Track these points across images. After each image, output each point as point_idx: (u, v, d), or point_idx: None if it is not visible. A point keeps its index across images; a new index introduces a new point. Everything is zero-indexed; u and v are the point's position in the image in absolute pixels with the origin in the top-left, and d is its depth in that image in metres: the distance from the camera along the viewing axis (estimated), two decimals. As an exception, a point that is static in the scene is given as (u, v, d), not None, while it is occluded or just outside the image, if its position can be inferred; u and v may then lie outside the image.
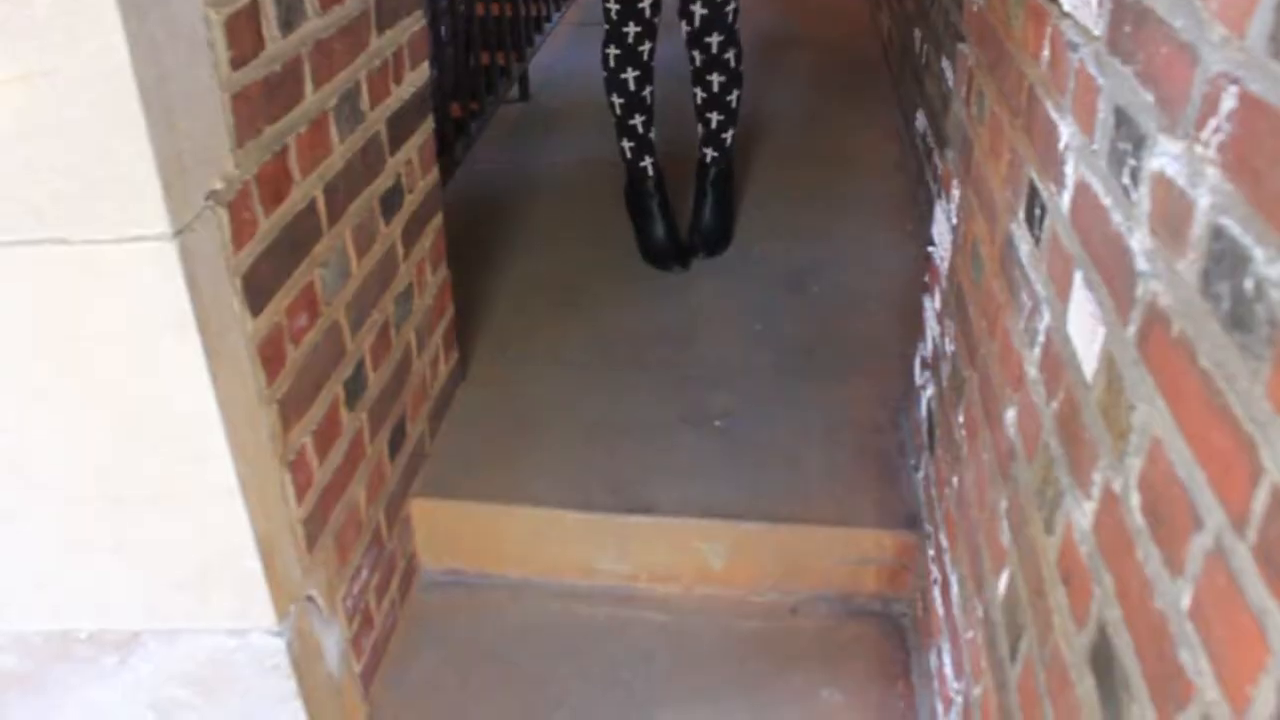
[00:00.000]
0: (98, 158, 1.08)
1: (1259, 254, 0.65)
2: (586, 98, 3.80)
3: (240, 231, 1.25)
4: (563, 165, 3.44)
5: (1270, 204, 0.64)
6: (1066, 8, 1.15)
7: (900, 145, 3.56)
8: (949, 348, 1.71)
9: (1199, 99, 0.76)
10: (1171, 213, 0.80)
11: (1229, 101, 0.71)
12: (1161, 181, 0.82)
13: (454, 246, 2.21)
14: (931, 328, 1.91)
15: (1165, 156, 0.82)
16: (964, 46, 1.75)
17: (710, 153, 2.82)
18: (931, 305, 1.92)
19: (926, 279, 2.00)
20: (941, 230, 1.87)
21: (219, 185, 1.21)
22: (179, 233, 1.13)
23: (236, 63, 1.23)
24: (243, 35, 1.24)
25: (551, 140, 3.65)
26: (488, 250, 2.87)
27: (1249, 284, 0.66)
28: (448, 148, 3.10)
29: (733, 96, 2.73)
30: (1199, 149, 0.76)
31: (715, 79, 2.68)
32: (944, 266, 1.82)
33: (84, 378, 1.21)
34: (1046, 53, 1.22)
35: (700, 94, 2.73)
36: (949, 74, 2.77)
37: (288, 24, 1.35)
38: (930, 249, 1.97)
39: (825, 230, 2.98)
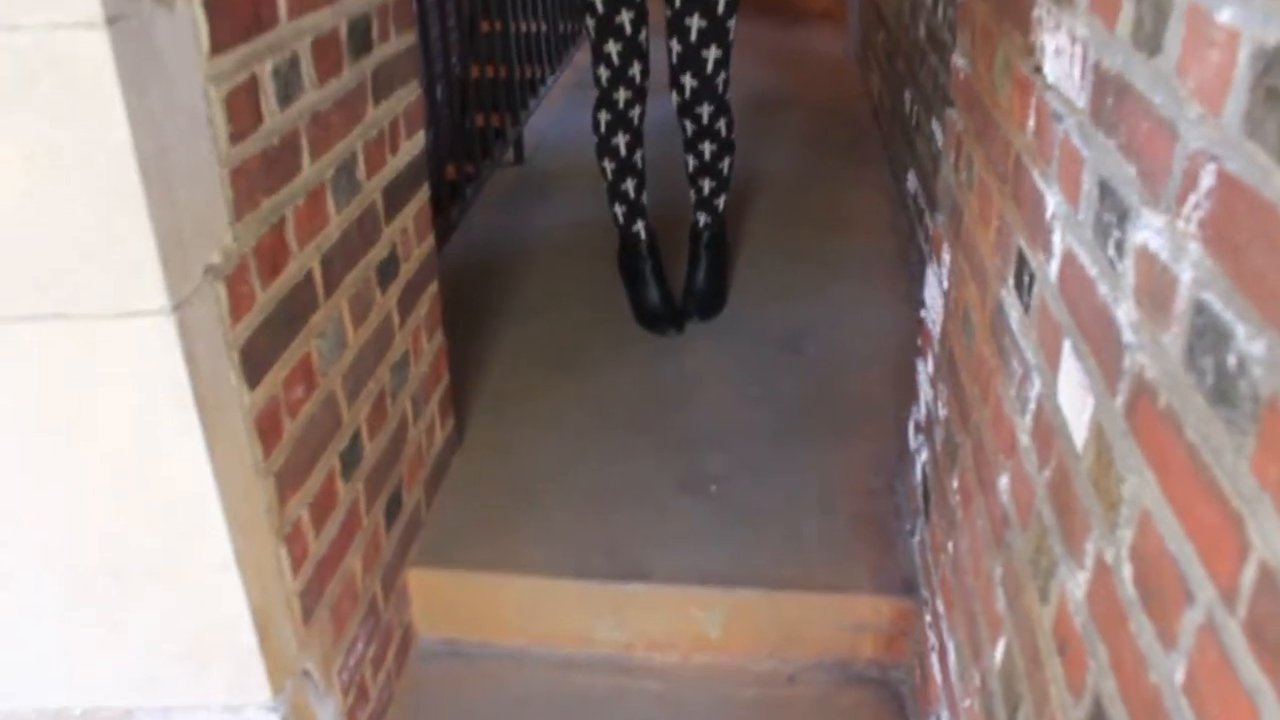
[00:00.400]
0: (97, 233, 1.09)
1: (1240, 330, 0.66)
2: (581, 160, 3.83)
3: (238, 304, 1.26)
4: (557, 228, 3.46)
5: (1250, 281, 0.66)
6: (1050, 79, 1.17)
7: (892, 205, 3.59)
8: (942, 412, 1.72)
9: (1179, 174, 0.78)
10: (1155, 286, 0.81)
11: (1208, 179, 0.73)
12: (1145, 255, 0.84)
13: (449, 311, 2.22)
14: (925, 391, 1.91)
15: (1148, 230, 0.83)
16: (952, 112, 1.78)
17: (703, 218, 2.85)
18: (924, 369, 1.93)
19: (919, 342, 2.01)
20: (933, 294, 1.88)
21: (217, 259, 1.22)
22: (177, 307, 1.14)
23: (235, 137, 1.24)
24: (242, 110, 1.25)
25: (546, 203, 3.69)
26: (483, 314, 2.89)
27: (1231, 360, 0.67)
28: (443, 211, 3.13)
29: (724, 164, 2.76)
30: (1180, 224, 0.77)
31: (707, 148, 2.71)
32: (936, 330, 1.83)
33: (83, 451, 1.21)
34: (1032, 122, 1.24)
35: (692, 161, 2.75)
36: (939, 135, 2.80)
37: (286, 98, 1.37)
38: (922, 312, 1.98)
39: (819, 291, 3.00)
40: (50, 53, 1.01)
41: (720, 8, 2.48)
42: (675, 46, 2.55)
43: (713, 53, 2.53)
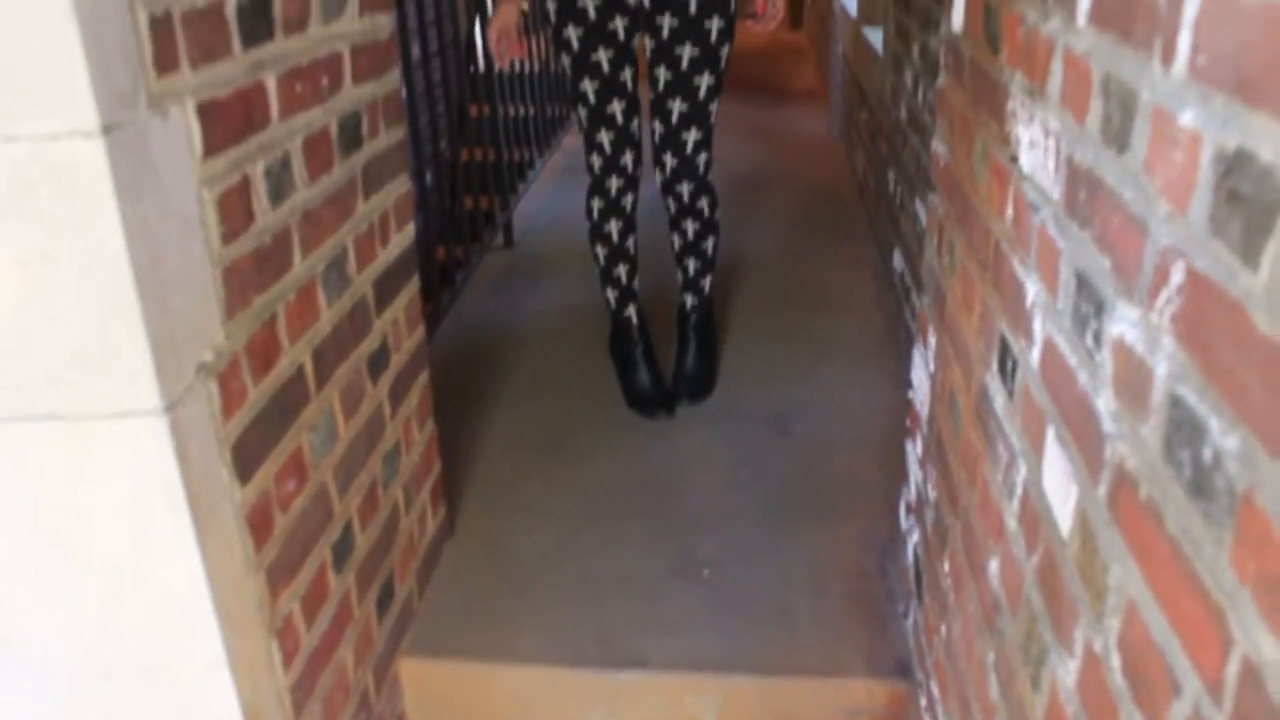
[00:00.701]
0: (92, 337, 1.10)
1: (1214, 425, 0.68)
2: (570, 243, 3.89)
3: (230, 402, 1.27)
4: (547, 312, 3.49)
5: (1221, 377, 0.67)
6: (1026, 170, 1.19)
7: (878, 283, 3.63)
8: (931, 494, 1.73)
9: (1150, 270, 0.79)
10: (1133, 378, 0.82)
11: (1178, 275, 0.74)
12: (1121, 347, 0.85)
13: (440, 396, 2.23)
14: (914, 473, 1.92)
15: (1124, 323, 0.85)
16: (934, 197, 1.81)
17: (690, 299, 2.88)
18: (913, 450, 1.94)
19: (908, 423, 2.02)
20: (920, 375, 1.90)
21: (209, 358, 1.23)
22: (170, 407, 1.15)
23: (228, 238, 1.26)
24: (234, 211, 1.28)
25: (536, 287, 3.72)
26: (474, 400, 2.90)
27: (1207, 453, 0.68)
28: (433, 296, 3.16)
29: (708, 244, 2.80)
30: (1154, 318, 0.79)
31: (689, 226, 2.75)
32: (924, 412, 1.85)
33: (75, 551, 1.21)
34: (1010, 211, 1.27)
35: (677, 241, 2.79)
36: (922, 215, 2.84)
37: (277, 197, 1.39)
38: (910, 393, 2.00)
39: (807, 371, 3.02)
40: (47, 162, 1.03)
41: (701, 93, 2.53)
42: (658, 128, 2.60)
43: (693, 134, 2.58)
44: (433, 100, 3.58)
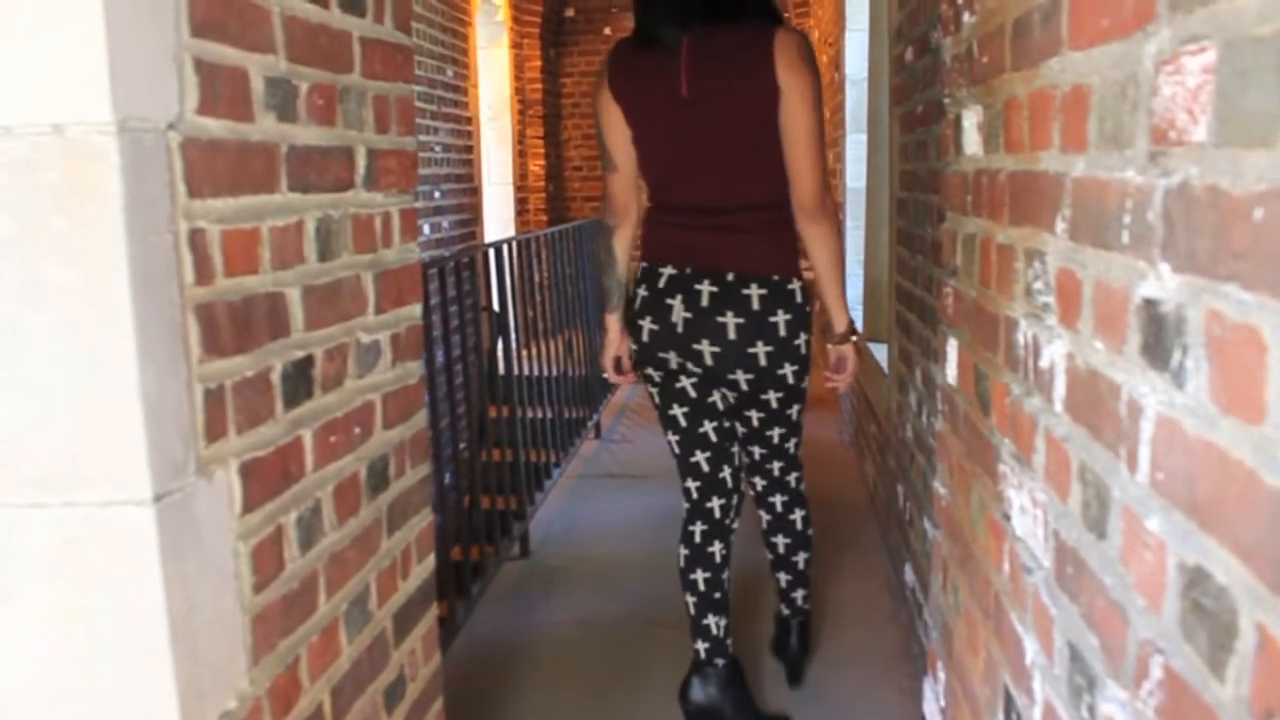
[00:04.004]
0: (123, 686, 1.14)
1: (1201, 829, 0.71)
2: (586, 553, 3.95)
3: (249, 748, 1.30)
4: (562, 625, 3.49)
5: (1204, 782, 0.71)
6: (1019, 532, 1.25)
7: (891, 595, 3.63)
8: (950, 838, 1.70)
9: (1133, 658, 0.84)
10: (1126, 763, 0.85)
11: (1157, 670, 0.79)
12: (1114, 729, 0.89)
13: (453, 714, 2.22)
14: (932, 812, 1.89)
15: (1114, 703, 0.89)
16: (937, 535, 1.86)
17: (783, 609, 2.99)
18: (930, 788, 1.92)
19: (923, 758, 2.00)
20: (931, 710, 1.90)
21: (233, 704, 1.26)
22: (192, 760, 1.17)
23: (259, 587, 1.32)
24: (266, 561, 1.34)
25: (551, 600, 3.72)
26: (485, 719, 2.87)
27: None
28: (447, 599, 3.16)
29: (800, 559, 2.89)
30: (1139, 705, 0.83)
31: (781, 541, 2.85)
32: (938, 749, 1.84)
33: None
34: (1006, 566, 1.32)
35: (769, 554, 2.91)
36: (930, 533, 2.89)
37: (307, 544, 1.46)
38: (924, 726, 1.99)
39: (823, 690, 2.99)
40: (98, 525, 1.11)
41: (776, 439, 2.70)
42: (743, 457, 2.77)
43: (776, 464, 2.76)
44: (454, 403, 3.72)
